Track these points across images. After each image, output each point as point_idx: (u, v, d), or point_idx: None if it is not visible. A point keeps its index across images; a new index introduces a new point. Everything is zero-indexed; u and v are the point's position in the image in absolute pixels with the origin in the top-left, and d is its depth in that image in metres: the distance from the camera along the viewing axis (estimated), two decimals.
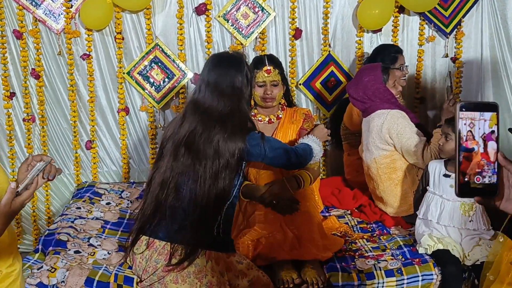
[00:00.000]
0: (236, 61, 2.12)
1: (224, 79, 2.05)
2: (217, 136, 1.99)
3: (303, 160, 2.24)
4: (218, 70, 2.09)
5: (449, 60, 3.44)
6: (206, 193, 1.97)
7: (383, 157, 2.66)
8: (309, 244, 2.31)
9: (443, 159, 2.41)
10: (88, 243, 2.41)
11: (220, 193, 1.98)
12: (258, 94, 2.56)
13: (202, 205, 1.97)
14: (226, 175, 1.99)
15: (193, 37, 3.31)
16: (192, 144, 1.99)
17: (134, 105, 3.40)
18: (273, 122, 2.65)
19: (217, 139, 1.98)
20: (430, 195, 2.38)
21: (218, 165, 1.97)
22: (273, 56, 2.67)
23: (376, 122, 2.63)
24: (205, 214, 1.97)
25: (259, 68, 2.55)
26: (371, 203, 2.89)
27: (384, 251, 2.44)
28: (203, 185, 1.97)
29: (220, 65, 2.11)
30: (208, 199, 1.97)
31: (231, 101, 2.04)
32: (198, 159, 1.98)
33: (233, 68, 2.08)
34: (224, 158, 1.98)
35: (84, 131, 3.41)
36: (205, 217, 1.98)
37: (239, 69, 2.08)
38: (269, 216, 2.38)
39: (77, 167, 3.42)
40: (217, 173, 1.97)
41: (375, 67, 2.72)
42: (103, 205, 2.93)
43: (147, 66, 3.29)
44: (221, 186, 1.98)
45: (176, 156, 2.02)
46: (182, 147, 2.01)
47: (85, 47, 3.25)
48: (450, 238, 2.31)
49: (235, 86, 2.05)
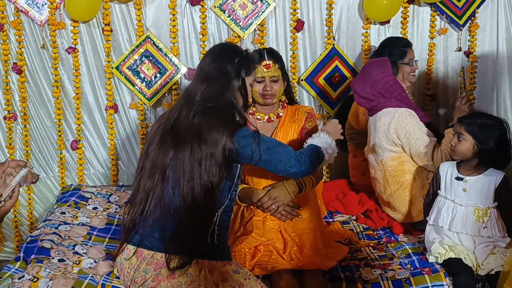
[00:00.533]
0: (230, 49, 2.15)
1: (212, 63, 2.07)
2: (196, 118, 1.96)
3: (308, 165, 2.07)
4: (210, 55, 2.13)
5: (462, 54, 3.44)
6: (190, 188, 1.92)
7: (391, 159, 2.66)
8: (311, 252, 2.32)
9: (455, 161, 2.41)
10: (73, 251, 2.40)
11: (207, 189, 1.92)
12: (257, 91, 2.56)
13: (189, 205, 1.93)
14: (212, 166, 1.92)
15: (187, 29, 3.30)
16: (176, 131, 1.98)
17: (123, 102, 3.40)
18: (273, 121, 2.65)
19: (198, 122, 1.95)
20: (441, 199, 2.38)
21: (200, 152, 1.92)
22: (272, 50, 2.67)
23: (383, 121, 2.63)
24: (194, 217, 1.94)
25: (258, 63, 2.55)
26: (378, 208, 2.89)
27: (391, 259, 2.44)
28: (186, 176, 1.92)
29: (213, 50, 2.16)
30: (194, 197, 1.92)
31: (216, 86, 2.02)
32: (180, 146, 1.95)
33: (224, 55, 2.09)
34: (207, 145, 1.92)
35: (69, 130, 3.41)
36: (196, 222, 1.95)
37: (230, 58, 2.08)
38: (267, 222, 2.38)
39: (62, 169, 3.42)
40: (200, 162, 1.92)
41: (384, 60, 2.72)
42: (89, 210, 2.93)
43: (137, 60, 3.29)
44: (206, 179, 1.92)
45: (162, 147, 2.00)
46: (168, 136, 1.99)
47: (70, 39, 3.25)
48: (462, 246, 2.30)
49: (222, 72, 2.05)
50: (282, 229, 2.38)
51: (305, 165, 2.06)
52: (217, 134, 1.93)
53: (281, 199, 2.38)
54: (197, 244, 1.97)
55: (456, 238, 2.33)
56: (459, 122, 2.36)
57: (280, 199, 2.38)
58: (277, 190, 2.40)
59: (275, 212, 2.38)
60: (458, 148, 2.33)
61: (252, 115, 2.66)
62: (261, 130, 2.67)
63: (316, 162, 2.13)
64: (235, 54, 2.10)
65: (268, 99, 2.58)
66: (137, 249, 2.03)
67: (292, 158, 2.04)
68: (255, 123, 2.67)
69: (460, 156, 2.35)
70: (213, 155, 1.92)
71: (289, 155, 2.05)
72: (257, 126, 2.67)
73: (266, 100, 2.58)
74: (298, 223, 2.39)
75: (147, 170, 2.01)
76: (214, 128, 1.94)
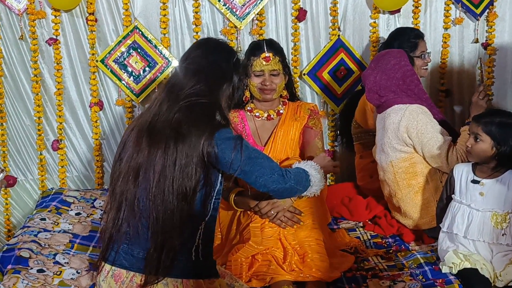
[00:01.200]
0: (226, 48, 2.12)
1: (206, 57, 2.03)
2: (178, 113, 1.90)
3: (293, 183, 2.05)
4: (203, 48, 2.08)
5: (479, 46, 3.46)
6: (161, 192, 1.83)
7: (401, 160, 2.67)
8: (313, 262, 2.31)
9: (471, 162, 2.42)
10: (54, 261, 2.40)
11: (182, 195, 1.84)
12: (255, 85, 2.57)
13: (163, 214, 1.84)
14: (187, 168, 1.83)
15: (179, 19, 3.31)
16: (153, 127, 1.91)
17: (109, 98, 3.40)
18: (273, 118, 2.65)
19: (178, 117, 1.89)
20: (456, 204, 2.39)
21: (175, 151, 1.84)
22: (273, 41, 2.68)
23: (393, 119, 2.64)
24: (171, 229, 1.85)
25: (256, 55, 2.56)
26: (387, 214, 2.89)
27: (401, 270, 2.43)
28: (156, 177, 1.84)
29: (207, 44, 2.13)
30: (166, 203, 1.83)
31: (208, 83, 1.97)
32: (155, 143, 1.87)
33: (220, 52, 2.07)
34: (184, 144, 1.85)
35: (50, 129, 3.42)
36: (175, 234, 1.85)
37: (226, 57, 2.07)
38: (266, 229, 2.38)
39: (42, 171, 3.43)
40: (174, 162, 1.84)
41: (400, 51, 2.74)
42: (72, 215, 2.93)
43: (124, 52, 3.30)
44: (180, 183, 1.83)
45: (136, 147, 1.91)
46: (144, 133, 1.91)
47: (51, 30, 3.25)
48: (478, 255, 2.31)
49: (217, 70, 2.02)
50: (282, 237, 2.38)
51: (290, 182, 2.04)
52: (196, 131, 1.86)
53: (280, 204, 2.37)
54: (180, 262, 1.89)
55: (472, 246, 2.33)
56: (476, 121, 2.36)
57: (280, 204, 2.37)
58: None
59: (274, 218, 2.38)
60: (475, 150, 2.33)
61: (250, 112, 2.66)
62: (260, 128, 2.69)
63: (301, 183, 2.12)
64: (231, 54, 2.09)
65: (267, 94, 2.58)
66: (114, 269, 1.94)
67: (276, 173, 2.00)
68: (253, 120, 2.67)
69: (477, 158, 2.36)
70: (189, 156, 1.85)
71: (273, 169, 2.00)
72: (255, 124, 2.68)
73: (265, 95, 2.58)
74: (299, 230, 2.39)
75: (122, 174, 1.92)
76: (194, 126, 1.87)
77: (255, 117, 2.66)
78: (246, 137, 2.67)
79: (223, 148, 1.88)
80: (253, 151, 1.98)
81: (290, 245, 2.36)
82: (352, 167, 3.31)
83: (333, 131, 3.54)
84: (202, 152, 1.85)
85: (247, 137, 2.68)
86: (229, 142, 1.89)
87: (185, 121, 1.88)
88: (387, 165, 2.72)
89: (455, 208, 2.38)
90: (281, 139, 2.66)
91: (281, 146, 2.66)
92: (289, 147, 2.68)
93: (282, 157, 2.65)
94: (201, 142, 1.85)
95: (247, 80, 2.63)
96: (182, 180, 1.84)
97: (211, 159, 1.87)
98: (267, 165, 1.99)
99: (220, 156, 1.88)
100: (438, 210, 2.54)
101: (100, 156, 3.45)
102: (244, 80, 2.63)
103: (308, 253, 2.34)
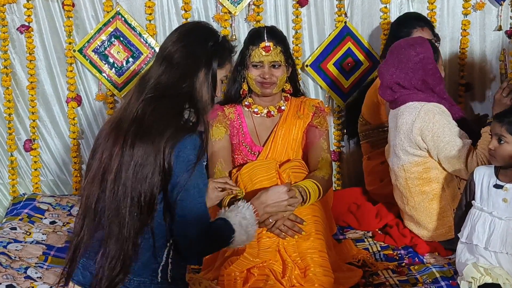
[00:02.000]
0: (203, 29, 2.02)
1: (178, 42, 1.94)
2: (140, 108, 1.83)
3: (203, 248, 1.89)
4: (177, 32, 2.01)
5: (503, 34, 3.46)
6: (115, 196, 1.77)
7: (414, 164, 2.66)
8: (316, 277, 2.30)
9: (492, 165, 2.41)
10: (25, 275, 2.39)
11: (138, 202, 1.76)
12: (253, 77, 2.57)
13: (117, 228, 1.77)
14: (144, 170, 1.75)
15: (166, 4, 3.31)
16: (119, 124, 1.86)
17: (88, 92, 3.40)
18: (273, 115, 2.65)
19: (139, 111, 1.82)
20: (477, 212, 2.38)
21: (132, 149, 1.77)
22: (274, 29, 2.68)
23: (406, 118, 2.63)
24: (124, 244, 1.77)
25: (255, 44, 2.55)
26: (399, 222, 2.89)
27: (415, 285, 2.44)
28: (110, 179, 1.77)
29: (182, 27, 2.06)
30: (120, 209, 1.76)
31: (177, 71, 1.89)
32: (117, 140, 1.82)
33: (195, 35, 1.97)
34: (143, 142, 1.78)
35: (22, 127, 3.42)
36: (128, 251, 1.77)
37: (202, 39, 1.95)
38: (263, 239, 2.38)
39: (13, 174, 3.42)
40: (130, 161, 1.76)
41: (423, 43, 2.70)
42: (46, 224, 2.93)
43: (105, 41, 3.29)
44: (134, 188, 1.75)
45: (104, 144, 1.87)
46: (113, 132, 1.86)
47: (23, 16, 3.25)
48: (501, 269, 2.30)
49: (189, 55, 1.91)
50: (281, 248, 2.38)
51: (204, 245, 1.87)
52: (157, 129, 1.79)
53: (280, 212, 2.36)
54: (139, 285, 1.82)
55: (494, 259, 2.32)
56: (498, 121, 2.35)
57: (280, 212, 2.36)
58: None
59: (273, 227, 2.37)
60: (499, 153, 2.32)
61: (248, 107, 2.66)
62: (259, 126, 2.68)
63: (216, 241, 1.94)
64: (209, 36, 1.98)
65: (267, 89, 2.58)
66: (73, 285, 1.89)
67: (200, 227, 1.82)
68: (251, 117, 2.67)
69: (502, 161, 2.34)
70: (147, 155, 1.77)
71: (201, 219, 1.83)
72: (253, 121, 2.67)
73: (264, 89, 2.58)
74: (301, 240, 2.38)
75: (91, 176, 1.87)
76: (157, 124, 1.80)
77: (254, 113, 2.65)
78: (243, 135, 2.67)
79: (183, 159, 1.79)
80: (202, 179, 1.84)
81: (290, 258, 2.36)
82: (360, 169, 3.31)
83: (339, 130, 3.54)
84: (163, 155, 1.77)
85: (244, 135, 2.67)
86: (190, 154, 1.79)
87: (147, 115, 1.82)
88: (399, 169, 2.71)
89: (476, 216, 2.38)
90: (281, 138, 2.66)
91: (281, 147, 2.66)
92: (290, 148, 2.67)
93: (283, 159, 2.64)
94: (162, 143, 1.77)
95: (245, 71, 2.62)
96: (136, 184, 1.76)
97: (166, 167, 1.78)
98: (200, 210, 1.83)
99: (175, 168, 1.78)
100: (456, 218, 2.53)
101: (78, 158, 3.45)
102: (242, 72, 2.63)
103: (310, 267, 2.33)
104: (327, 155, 2.65)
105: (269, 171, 2.48)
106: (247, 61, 2.60)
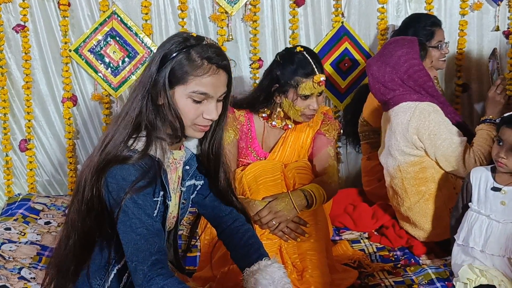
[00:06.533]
0: (173, 38, 1.75)
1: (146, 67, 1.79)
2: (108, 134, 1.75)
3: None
4: None
5: (500, 35, 3.46)
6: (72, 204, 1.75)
7: (410, 164, 2.67)
8: (313, 279, 2.30)
9: (489, 166, 2.40)
10: (19, 276, 2.39)
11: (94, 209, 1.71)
12: (300, 110, 2.47)
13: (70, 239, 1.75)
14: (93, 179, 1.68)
15: (162, 3, 3.31)
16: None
17: (83, 92, 3.40)
18: (290, 127, 2.61)
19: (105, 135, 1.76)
20: (473, 214, 2.37)
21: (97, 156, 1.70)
22: (317, 56, 2.55)
23: (401, 118, 2.63)
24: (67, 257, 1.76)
25: (307, 77, 2.43)
26: (395, 223, 2.89)
27: (410, 287, 2.44)
28: (75, 188, 1.76)
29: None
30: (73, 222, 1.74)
31: (134, 93, 1.76)
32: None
33: (160, 47, 1.74)
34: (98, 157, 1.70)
35: (17, 127, 3.42)
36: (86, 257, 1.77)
37: (162, 50, 1.71)
38: (264, 241, 2.33)
39: (8, 174, 3.42)
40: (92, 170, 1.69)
41: (411, 39, 2.71)
42: (41, 225, 2.93)
43: (101, 41, 3.29)
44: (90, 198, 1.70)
45: None
46: None
47: (19, 15, 3.25)
48: (496, 271, 2.30)
49: (144, 72, 1.75)
50: (283, 249, 2.36)
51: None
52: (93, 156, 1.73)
53: (284, 214, 2.36)
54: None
55: (490, 261, 2.32)
56: (507, 125, 2.30)
57: (283, 214, 2.36)
58: (280, 203, 2.37)
59: (276, 229, 2.37)
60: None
61: (265, 119, 2.62)
62: (268, 133, 2.65)
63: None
64: (174, 45, 1.69)
65: (311, 118, 2.54)
66: None
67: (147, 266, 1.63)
68: (263, 124, 2.63)
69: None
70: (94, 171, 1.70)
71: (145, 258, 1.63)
72: (264, 128, 2.64)
73: (309, 119, 2.53)
74: (302, 243, 2.37)
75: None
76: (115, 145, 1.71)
77: (272, 126, 2.61)
78: (250, 140, 2.64)
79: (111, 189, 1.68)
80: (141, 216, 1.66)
81: (290, 259, 2.35)
82: (358, 170, 3.31)
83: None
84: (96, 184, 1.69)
85: (252, 140, 2.64)
86: (122, 184, 1.66)
87: (109, 137, 1.73)
88: (394, 170, 2.72)
89: (472, 218, 2.37)
90: (290, 145, 2.63)
91: (289, 153, 2.64)
92: (297, 154, 2.65)
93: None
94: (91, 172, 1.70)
95: (282, 97, 2.50)
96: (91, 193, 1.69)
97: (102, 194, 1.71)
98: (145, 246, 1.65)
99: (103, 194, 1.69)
100: (452, 220, 2.53)
101: (74, 158, 3.45)
102: (278, 97, 2.51)
103: (308, 269, 2.33)
104: (334, 162, 2.64)
105: (274, 172, 2.47)
106: (292, 91, 2.47)
